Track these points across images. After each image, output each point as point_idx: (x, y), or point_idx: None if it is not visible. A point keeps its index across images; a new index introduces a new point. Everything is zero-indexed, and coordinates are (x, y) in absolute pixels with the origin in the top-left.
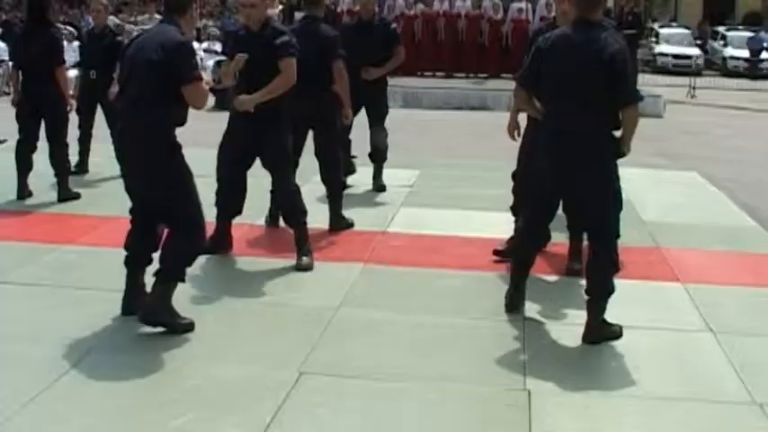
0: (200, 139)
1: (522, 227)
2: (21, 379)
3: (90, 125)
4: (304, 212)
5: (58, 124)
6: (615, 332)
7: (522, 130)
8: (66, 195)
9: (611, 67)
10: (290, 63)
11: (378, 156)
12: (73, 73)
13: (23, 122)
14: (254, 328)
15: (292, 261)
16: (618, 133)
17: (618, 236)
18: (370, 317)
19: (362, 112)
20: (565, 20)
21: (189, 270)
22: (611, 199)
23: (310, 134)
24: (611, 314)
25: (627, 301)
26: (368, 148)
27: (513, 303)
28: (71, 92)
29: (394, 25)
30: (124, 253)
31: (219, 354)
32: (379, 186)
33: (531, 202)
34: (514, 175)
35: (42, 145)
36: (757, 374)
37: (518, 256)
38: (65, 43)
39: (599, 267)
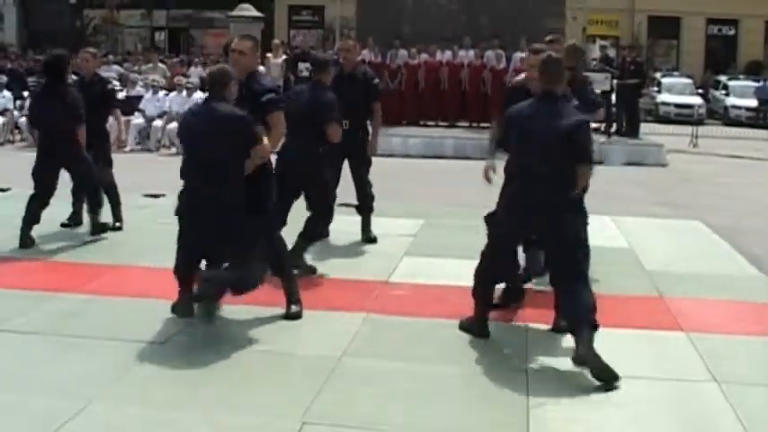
0: None
1: (489, 250)
2: (18, 430)
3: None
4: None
5: (86, 173)
6: (610, 371)
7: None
8: (99, 229)
9: (572, 137)
10: (279, 116)
11: (365, 207)
12: None
13: (40, 178)
14: (257, 377)
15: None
16: None
17: (587, 277)
18: (373, 366)
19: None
20: (534, 84)
21: (189, 320)
22: (580, 246)
23: None
24: (614, 363)
25: (630, 351)
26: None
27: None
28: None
29: (377, 80)
30: (125, 302)
31: (222, 403)
32: (368, 238)
33: (501, 229)
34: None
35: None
36: (762, 425)
37: (485, 281)
38: None
39: (574, 307)
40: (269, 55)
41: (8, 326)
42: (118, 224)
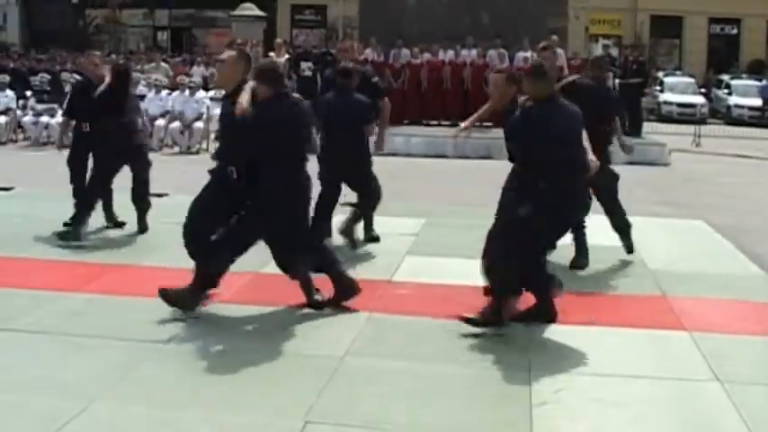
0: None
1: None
2: (19, 430)
3: (84, 178)
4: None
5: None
6: None
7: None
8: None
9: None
10: None
11: (369, 206)
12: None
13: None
14: (260, 376)
15: (296, 309)
16: None
17: None
18: (376, 366)
19: None
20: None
21: (194, 321)
22: None
23: None
24: (617, 362)
25: (632, 350)
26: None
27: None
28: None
29: (376, 78)
30: (129, 301)
31: (225, 402)
32: (371, 237)
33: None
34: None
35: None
36: (765, 424)
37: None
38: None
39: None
40: (271, 54)
41: (13, 325)
42: (120, 221)
